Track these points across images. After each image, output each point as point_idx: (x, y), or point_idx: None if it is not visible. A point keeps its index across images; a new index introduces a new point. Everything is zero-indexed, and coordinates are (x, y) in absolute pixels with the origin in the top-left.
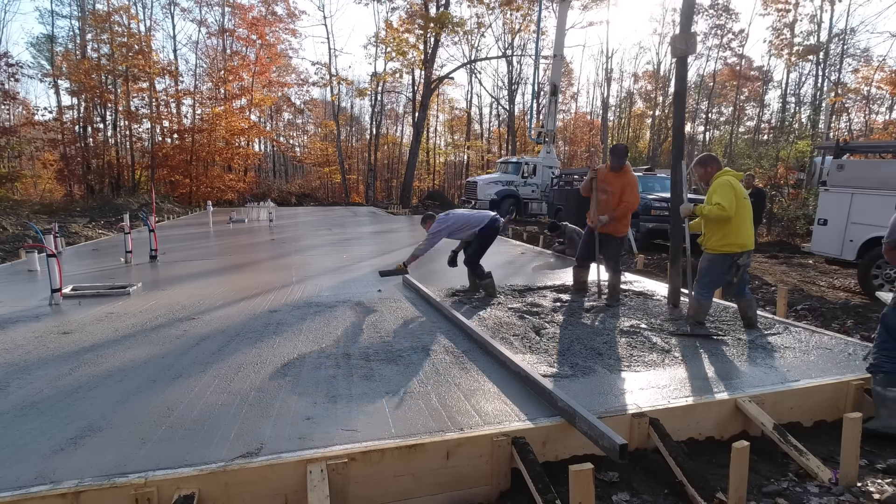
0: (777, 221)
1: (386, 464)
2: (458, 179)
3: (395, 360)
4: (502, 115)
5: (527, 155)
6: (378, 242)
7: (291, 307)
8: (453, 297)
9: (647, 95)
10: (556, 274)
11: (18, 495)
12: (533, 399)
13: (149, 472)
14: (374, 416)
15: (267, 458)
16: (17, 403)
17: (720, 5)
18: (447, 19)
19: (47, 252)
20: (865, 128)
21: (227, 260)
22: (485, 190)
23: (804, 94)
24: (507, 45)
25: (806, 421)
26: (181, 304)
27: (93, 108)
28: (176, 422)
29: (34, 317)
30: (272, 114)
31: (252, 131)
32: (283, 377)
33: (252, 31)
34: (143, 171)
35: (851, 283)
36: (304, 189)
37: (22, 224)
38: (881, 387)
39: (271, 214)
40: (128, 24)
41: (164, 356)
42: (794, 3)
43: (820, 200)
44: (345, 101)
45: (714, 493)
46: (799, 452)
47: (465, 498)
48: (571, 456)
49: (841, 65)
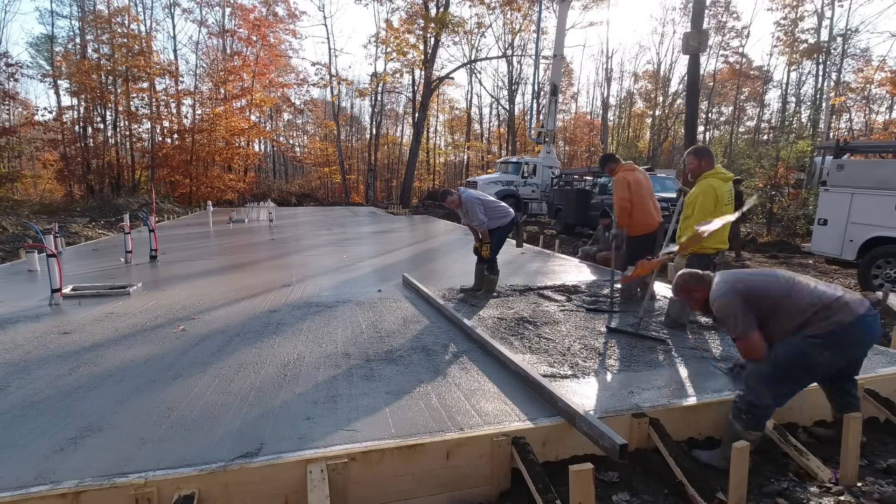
0: (777, 221)
1: (386, 464)
2: (458, 179)
3: (395, 360)
4: (502, 115)
5: (527, 155)
6: (378, 242)
7: (291, 307)
8: (458, 294)
9: (647, 95)
10: (556, 274)
11: (18, 495)
12: (533, 399)
13: (149, 472)
14: (374, 416)
15: (267, 458)
16: (17, 403)
17: (722, 3)
18: (447, 19)
19: (47, 252)
20: (865, 128)
21: (227, 260)
22: (485, 190)
23: (804, 93)
24: (508, 45)
25: (806, 421)
26: (181, 304)
27: (93, 108)
28: (176, 422)
29: (34, 317)
30: (272, 114)
31: (252, 131)
32: (283, 377)
33: (253, 32)
34: (143, 171)
35: (851, 283)
36: (304, 189)
37: (22, 224)
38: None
39: (271, 214)
40: (128, 25)
41: (164, 356)
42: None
43: (820, 200)
44: (345, 101)
45: (714, 493)
46: (799, 452)
47: (465, 498)
48: (571, 456)
49: (841, 64)
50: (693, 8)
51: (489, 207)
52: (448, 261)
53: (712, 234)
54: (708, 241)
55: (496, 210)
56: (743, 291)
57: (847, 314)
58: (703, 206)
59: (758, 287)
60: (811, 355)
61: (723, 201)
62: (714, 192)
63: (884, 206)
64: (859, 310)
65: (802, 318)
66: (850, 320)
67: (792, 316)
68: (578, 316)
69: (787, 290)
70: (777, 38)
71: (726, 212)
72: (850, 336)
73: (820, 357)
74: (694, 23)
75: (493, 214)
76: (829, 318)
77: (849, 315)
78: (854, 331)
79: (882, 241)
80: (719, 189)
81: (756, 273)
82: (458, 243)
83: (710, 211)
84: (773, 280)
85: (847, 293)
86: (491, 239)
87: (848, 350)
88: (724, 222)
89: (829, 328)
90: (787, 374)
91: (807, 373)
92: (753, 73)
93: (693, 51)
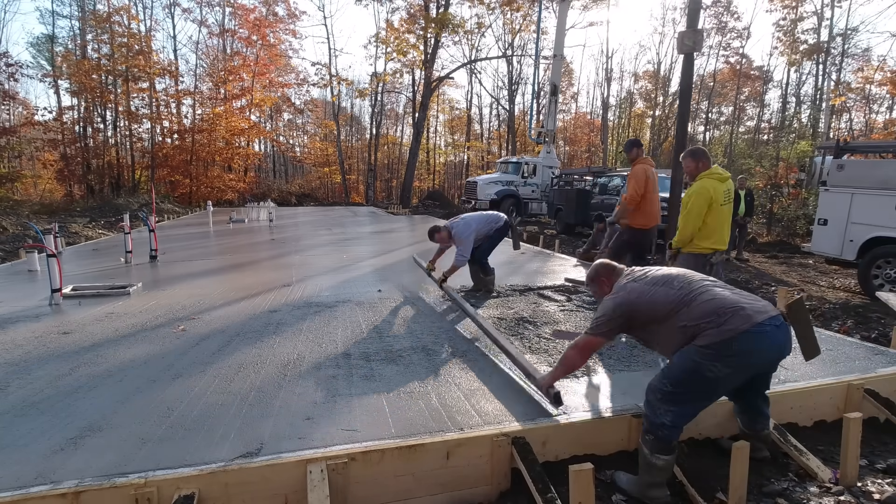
0: (777, 221)
1: (386, 464)
2: (458, 179)
3: (395, 360)
4: (502, 115)
5: (527, 155)
6: (378, 242)
7: (291, 307)
8: (460, 293)
9: (647, 95)
10: (555, 274)
11: (18, 495)
12: (533, 399)
13: (149, 472)
14: (374, 416)
15: (267, 458)
16: (17, 403)
17: (722, 3)
18: (447, 20)
19: (47, 252)
20: (865, 128)
21: (227, 260)
22: (485, 190)
23: (804, 93)
24: (507, 45)
25: (806, 421)
26: (181, 304)
27: (93, 108)
28: (176, 422)
29: (34, 317)
30: (272, 114)
31: (252, 131)
32: (283, 377)
33: (253, 32)
34: (143, 171)
35: (851, 283)
36: (304, 189)
37: (22, 224)
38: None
39: (271, 214)
40: (128, 25)
41: (164, 356)
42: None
43: (820, 200)
44: (345, 101)
45: (714, 493)
46: (799, 452)
47: (465, 498)
48: (571, 456)
49: (841, 64)
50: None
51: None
52: (449, 261)
53: (710, 234)
54: (704, 241)
55: (489, 221)
56: (627, 304)
57: (740, 322)
58: (696, 206)
59: (641, 303)
60: (702, 367)
61: (718, 201)
62: (708, 193)
63: (884, 206)
64: (756, 318)
65: (695, 328)
66: (744, 329)
67: (685, 326)
68: (578, 316)
69: (681, 300)
70: (777, 38)
71: (722, 212)
72: (744, 346)
73: (713, 369)
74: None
75: (483, 227)
76: (720, 326)
77: (742, 323)
78: (747, 340)
79: (882, 241)
80: (715, 190)
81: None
82: None
83: (702, 211)
84: (665, 292)
85: (753, 302)
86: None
87: (745, 362)
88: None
89: (718, 337)
90: (683, 389)
91: (704, 387)
92: (754, 73)
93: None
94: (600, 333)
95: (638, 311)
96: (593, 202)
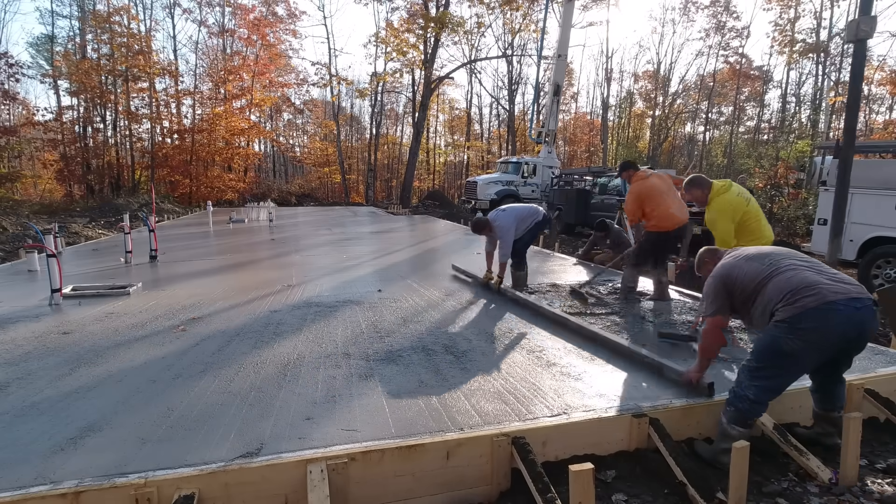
0: (777, 221)
1: (386, 464)
2: (458, 179)
3: (395, 360)
4: (502, 115)
5: (527, 155)
6: (378, 242)
7: (291, 307)
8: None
9: (647, 95)
10: (555, 273)
11: (18, 495)
12: (533, 399)
13: (149, 472)
14: (374, 416)
15: (267, 458)
16: (17, 403)
17: (721, 3)
18: (447, 19)
19: (47, 252)
20: (865, 128)
21: (227, 260)
22: (485, 190)
23: (804, 93)
24: (507, 45)
25: (806, 421)
26: (181, 304)
27: (93, 108)
28: (176, 422)
29: (34, 317)
30: (272, 114)
31: (252, 131)
32: (283, 377)
33: (253, 32)
34: (143, 171)
35: None
36: (304, 189)
37: (22, 224)
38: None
39: (271, 214)
40: (128, 25)
41: (164, 356)
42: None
43: (820, 200)
44: (345, 101)
45: (714, 493)
46: (799, 452)
47: (465, 498)
48: (571, 456)
49: (841, 64)
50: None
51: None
52: (448, 261)
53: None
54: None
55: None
56: (723, 276)
57: (812, 300)
58: (723, 225)
59: (735, 275)
60: (778, 340)
61: (741, 208)
62: (729, 207)
63: (884, 206)
64: (829, 297)
65: (777, 303)
66: (812, 305)
67: (770, 301)
68: (577, 315)
69: (768, 275)
70: (772, 38)
71: (750, 210)
72: (813, 322)
73: (789, 342)
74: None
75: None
76: (795, 302)
77: (816, 300)
78: (815, 317)
79: (882, 240)
80: (730, 202)
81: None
82: (459, 243)
83: (731, 228)
84: (755, 266)
85: (835, 283)
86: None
87: (817, 339)
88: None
89: (791, 312)
90: (764, 363)
91: (783, 362)
92: (753, 73)
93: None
94: (712, 312)
95: (734, 285)
96: (593, 202)
